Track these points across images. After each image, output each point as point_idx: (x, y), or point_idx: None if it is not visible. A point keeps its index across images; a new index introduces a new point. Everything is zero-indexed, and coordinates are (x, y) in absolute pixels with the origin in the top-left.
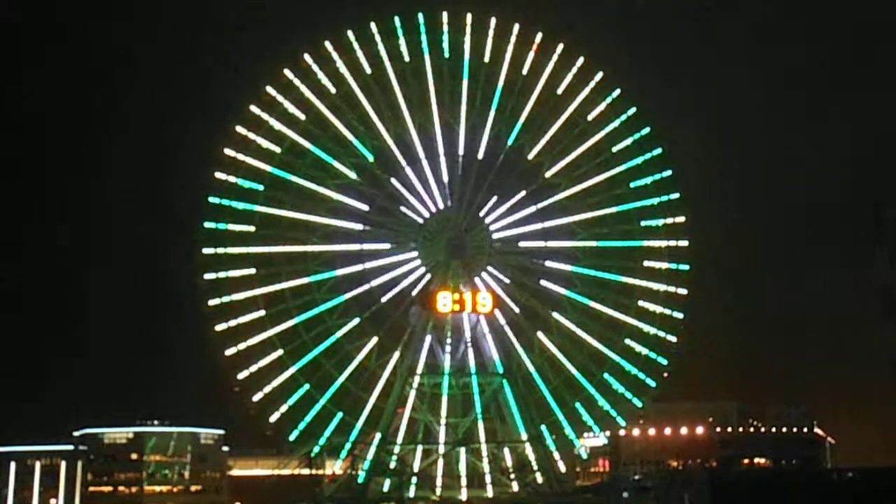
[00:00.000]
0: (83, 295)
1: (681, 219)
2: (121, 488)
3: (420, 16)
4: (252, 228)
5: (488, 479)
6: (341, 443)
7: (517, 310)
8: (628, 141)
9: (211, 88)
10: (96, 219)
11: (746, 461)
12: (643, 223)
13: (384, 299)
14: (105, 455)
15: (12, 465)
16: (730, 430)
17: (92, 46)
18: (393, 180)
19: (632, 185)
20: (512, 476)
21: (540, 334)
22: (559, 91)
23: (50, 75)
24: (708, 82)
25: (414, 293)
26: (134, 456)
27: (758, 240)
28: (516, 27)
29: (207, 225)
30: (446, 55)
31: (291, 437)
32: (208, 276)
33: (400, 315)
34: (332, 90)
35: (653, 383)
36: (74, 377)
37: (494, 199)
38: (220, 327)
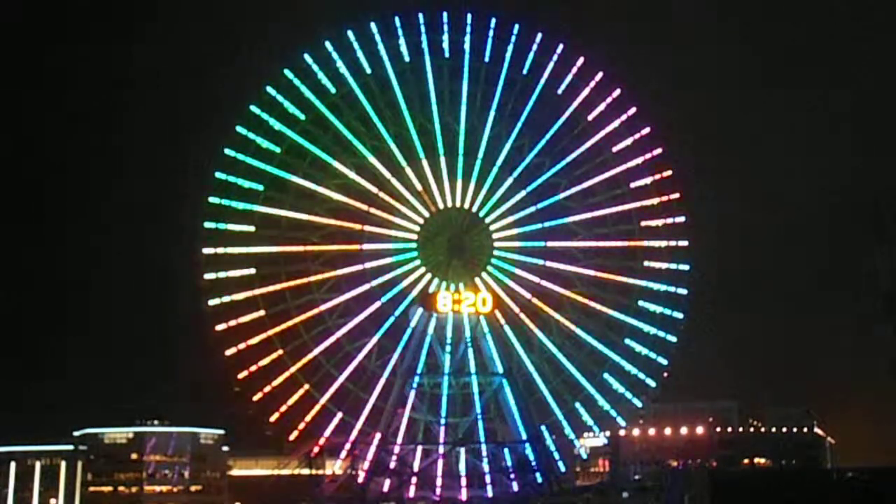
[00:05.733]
0: (83, 295)
1: (681, 219)
2: (121, 488)
3: (420, 16)
4: (252, 228)
5: (488, 479)
6: (341, 443)
7: (517, 310)
8: (628, 141)
9: (211, 88)
10: (96, 218)
11: (746, 461)
12: (643, 223)
13: (384, 299)
14: (105, 455)
15: (12, 465)
16: (730, 430)
17: (92, 47)
18: (393, 180)
19: (632, 185)
20: (512, 476)
21: (540, 334)
22: (559, 91)
23: (50, 75)
24: (708, 82)
25: (414, 293)
26: (134, 456)
27: (757, 239)
28: (516, 27)
29: (207, 225)
30: (446, 55)
31: (291, 437)
32: (208, 276)
33: (400, 315)
34: (332, 90)
35: (653, 383)
36: (74, 377)
37: (494, 198)
38: (220, 327)
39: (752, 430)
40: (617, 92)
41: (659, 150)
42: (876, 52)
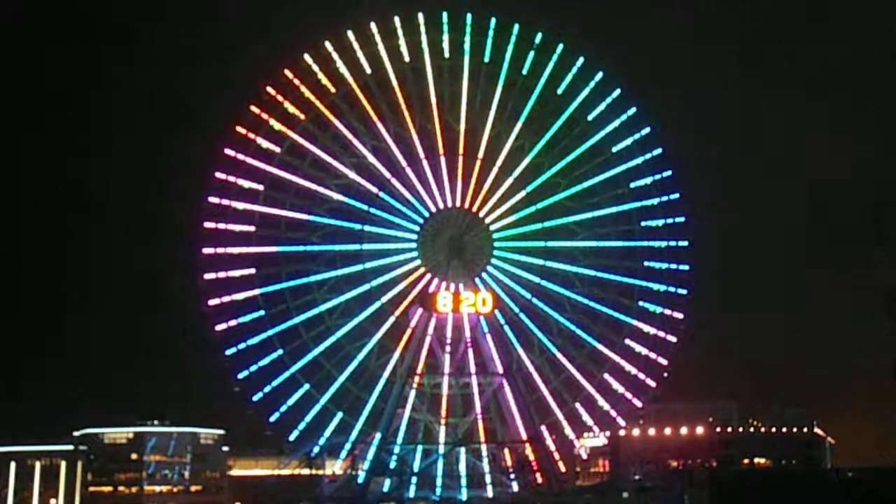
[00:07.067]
0: (83, 295)
1: (681, 219)
2: (121, 488)
3: (420, 16)
4: (252, 228)
5: (488, 479)
6: (341, 443)
7: (517, 310)
8: (628, 141)
9: (211, 88)
10: (96, 218)
11: (746, 461)
12: (643, 223)
13: (384, 299)
14: (105, 455)
15: (12, 465)
16: (730, 430)
17: (91, 47)
18: (393, 180)
19: (632, 185)
20: (512, 476)
21: (540, 334)
22: (559, 91)
23: (50, 75)
24: (709, 81)
25: (414, 293)
26: (134, 456)
27: (757, 239)
28: (516, 27)
29: (207, 225)
30: (446, 55)
31: (291, 437)
32: (208, 276)
33: (400, 315)
34: (332, 90)
35: (653, 383)
36: (74, 377)
37: (494, 198)
38: (220, 327)
39: (752, 430)
40: (617, 92)
41: (659, 150)
42: (878, 50)
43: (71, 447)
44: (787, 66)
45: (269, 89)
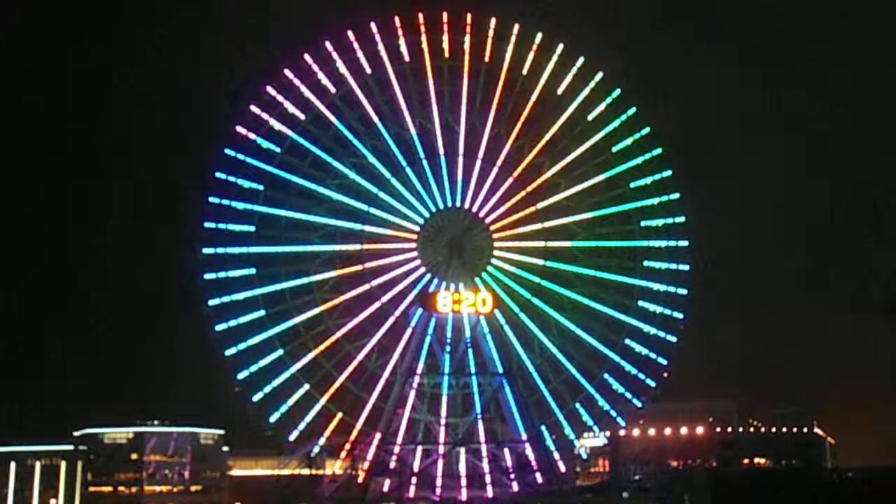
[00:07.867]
0: (83, 295)
1: (681, 219)
2: (121, 488)
3: (420, 16)
4: (252, 228)
5: (488, 479)
6: (341, 443)
7: (517, 310)
8: (628, 141)
9: (211, 89)
10: (96, 219)
11: (746, 461)
12: (643, 223)
13: (384, 299)
14: (105, 455)
15: (12, 465)
16: (730, 430)
17: (92, 46)
18: (393, 180)
19: (632, 185)
20: (512, 476)
21: (540, 334)
22: (559, 91)
23: (49, 76)
24: (708, 82)
25: (414, 293)
26: (134, 456)
27: (757, 240)
28: (516, 27)
29: (207, 225)
30: (446, 55)
31: (291, 437)
32: (208, 276)
33: (400, 315)
34: (332, 90)
35: (653, 383)
36: (75, 377)
37: (495, 199)
38: (220, 327)
39: (752, 430)
40: (617, 92)
41: (659, 150)
42: (877, 51)
43: (71, 447)
44: (787, 66)
45: (269, 89)
